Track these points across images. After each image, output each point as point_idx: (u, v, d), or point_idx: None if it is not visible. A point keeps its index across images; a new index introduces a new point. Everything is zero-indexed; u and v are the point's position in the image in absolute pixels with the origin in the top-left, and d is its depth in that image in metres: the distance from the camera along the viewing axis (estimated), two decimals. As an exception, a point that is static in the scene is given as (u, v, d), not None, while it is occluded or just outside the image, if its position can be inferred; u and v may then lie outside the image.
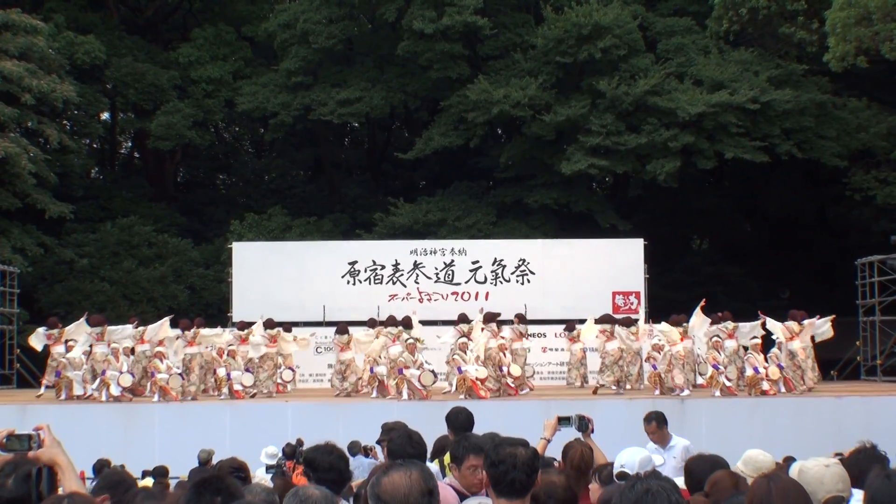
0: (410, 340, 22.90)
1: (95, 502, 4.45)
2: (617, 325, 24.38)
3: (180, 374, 23.38)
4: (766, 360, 23.01)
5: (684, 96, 32.62)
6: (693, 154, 33.37)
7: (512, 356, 23.69)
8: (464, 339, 23.29)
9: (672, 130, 32.54)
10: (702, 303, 24.25)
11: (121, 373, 22.47)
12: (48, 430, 4.72)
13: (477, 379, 22.00)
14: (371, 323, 25.44)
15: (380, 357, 23.78)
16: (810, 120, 33.72)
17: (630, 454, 7.26)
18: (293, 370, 25.27)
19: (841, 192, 35.87)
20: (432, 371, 22.21)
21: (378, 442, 7.46)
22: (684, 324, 23.90)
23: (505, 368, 22.96)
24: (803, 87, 33.80)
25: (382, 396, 23.15)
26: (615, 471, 7.21)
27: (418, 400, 21.43)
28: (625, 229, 34.85)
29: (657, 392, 22.84)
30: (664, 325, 24.10)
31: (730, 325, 24.06)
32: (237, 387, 23.27)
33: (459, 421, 9.61)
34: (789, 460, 10.10)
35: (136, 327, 24.40)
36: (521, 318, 25.66)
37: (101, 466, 14.06)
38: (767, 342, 24.10)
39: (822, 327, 24.47)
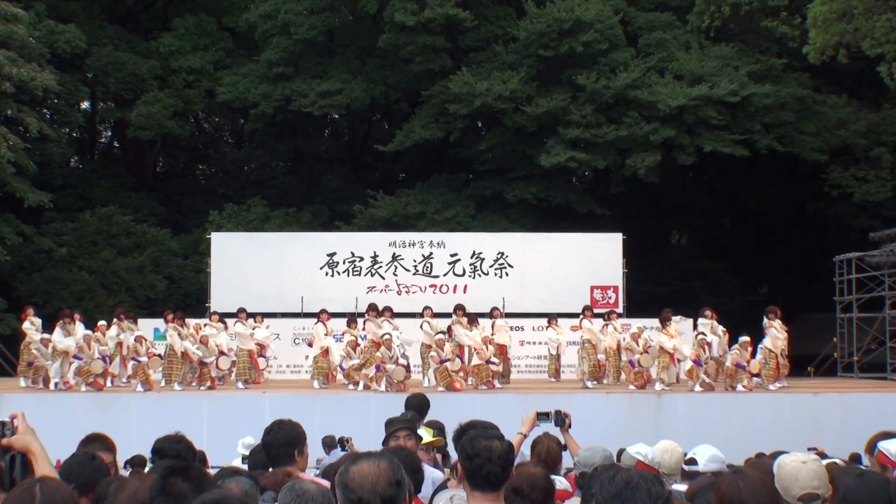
0: (387, 336, 22.81)
1: (68, 488, 4.43)
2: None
3: (159, 355, 23.23)
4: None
5: (665, 89, 32.71)
6: (673, 149, 33.44)
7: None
8: (441, 335, 23.20)
9: (652, 124, 32.65)
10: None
11: (92, 360, 22.37)
12: (22, 418, 4.70)
13: (454, 371, 22.04)
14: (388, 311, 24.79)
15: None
16: (790, 115, 33.82)
17: (706, 447, 7.28)
18: (266, 357, 25.18)
19: (820, 189, 36.01)
20: (405, 366, 22.17)
21: (385, 437, 7.50)
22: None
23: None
24: (783, 82, 33.92)
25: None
26: (687, 456, 7.24)
27: (395, 392, 21.42)
28: (603, 215, 34.96)
29: (632, 387, 22.90)
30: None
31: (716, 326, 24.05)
32: (213, 373, 23.17)
33: (413, 403, 10.18)
34: (761, 455, 10.14)
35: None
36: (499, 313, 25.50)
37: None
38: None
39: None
